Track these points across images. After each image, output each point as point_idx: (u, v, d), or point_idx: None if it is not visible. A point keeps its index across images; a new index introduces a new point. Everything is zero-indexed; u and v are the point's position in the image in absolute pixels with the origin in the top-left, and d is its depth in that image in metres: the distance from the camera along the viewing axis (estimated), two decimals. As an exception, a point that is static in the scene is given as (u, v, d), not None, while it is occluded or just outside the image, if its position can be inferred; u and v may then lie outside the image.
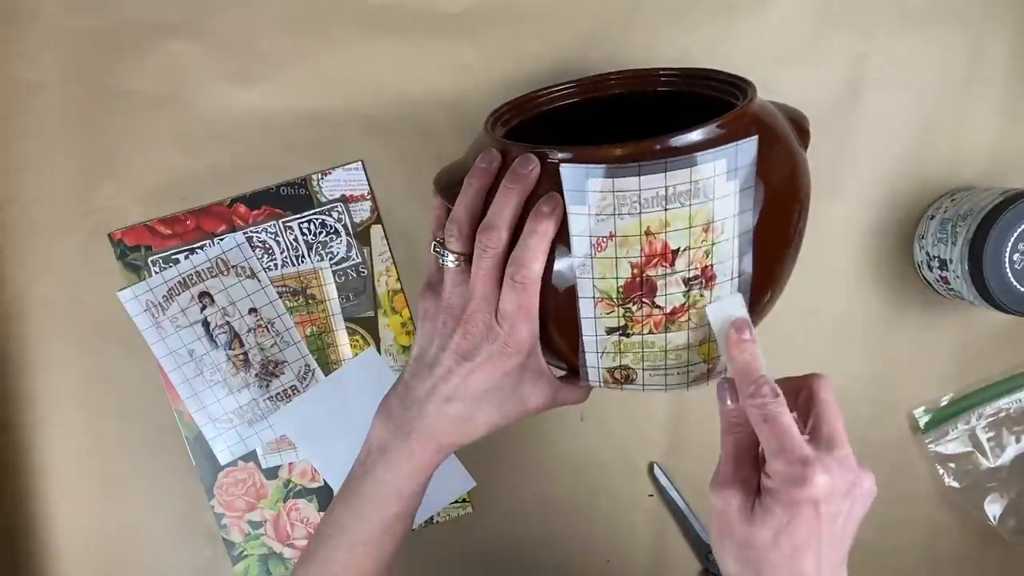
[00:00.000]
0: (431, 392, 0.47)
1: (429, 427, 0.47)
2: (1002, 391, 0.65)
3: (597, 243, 0.41)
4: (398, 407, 0.48)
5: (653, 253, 0.41)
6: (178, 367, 0.63)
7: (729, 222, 0.41)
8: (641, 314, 0.43)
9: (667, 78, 0.54)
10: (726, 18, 0.62)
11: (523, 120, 0.54)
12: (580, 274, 0.42)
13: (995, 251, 0.54)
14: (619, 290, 0.42)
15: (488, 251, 0.43)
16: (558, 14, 0.62)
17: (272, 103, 0.62)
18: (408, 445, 0.47)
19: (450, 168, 0.50)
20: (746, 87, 0.47)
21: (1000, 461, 0.65)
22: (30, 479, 0.63)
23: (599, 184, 0.40)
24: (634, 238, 0.41)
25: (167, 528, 0.64)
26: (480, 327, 0.45)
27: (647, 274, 0.42)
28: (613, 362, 0.45)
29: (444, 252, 0.46)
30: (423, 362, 0.48)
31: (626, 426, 0.65)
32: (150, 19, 0.61)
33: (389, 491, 0.48)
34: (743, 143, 0.40)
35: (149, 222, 0.62)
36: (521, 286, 0.43)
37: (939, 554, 0.66)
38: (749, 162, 0.41)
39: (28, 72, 0.61)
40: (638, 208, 0.40)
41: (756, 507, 0.40)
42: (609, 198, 0.40)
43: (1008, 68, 0.62)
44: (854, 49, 0.62)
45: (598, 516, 0.66)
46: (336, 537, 0.49)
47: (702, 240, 0.41)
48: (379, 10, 0.61)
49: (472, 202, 0.45)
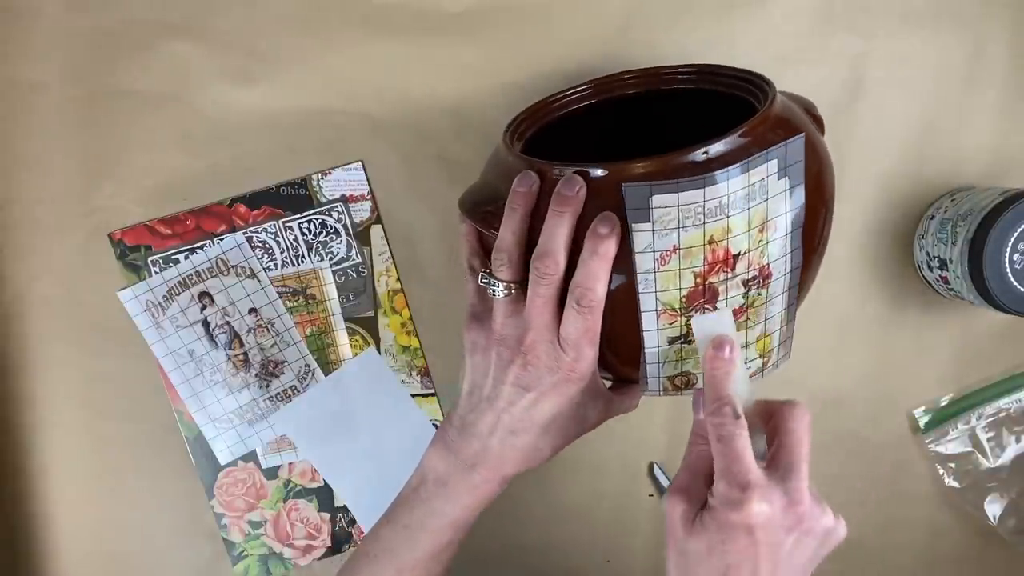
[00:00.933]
0: (495, 426, 0.46)
1: (495, 459, 0.47)
2: (1002, 391, 0.65)
3: (660, 257, 0.41)
4: (458, 439, 0.47)
5: (716, 260, 0.41)
6: (178, 367, 0.63)
7: (781, 220, 0.42)
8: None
9: (684, 75, 0.54)
10: (726, 18, 0.62)
11: (541, 128, 0.54)
12: (643, 288, 0.42)
13: (995, 251, 0.54)
14: (682, 300, 0.42)
15: (546, 278, 0.42)
16: (559, 14, 0.62)
17: (272, 103, 0.62)
18: (471, 479, 0.47)
19: (472, 189, 0.49)
20: (763, 83, 0.47)
21: (1000, 461, 0.65)
22: (30, 479, 0.63)
23: (663, 200, 0.40)
24: (698, 248, 0.41)
25: (167, 528, 0.64)
26: (542, 357, 0.44)
27: (710, 281, 0.42)
28: (674, 370, 0.45)
29: (493, 282, 0.45)
30: (479, 396, 0.47)
31: (626, 426, 0.65)
32: (150, 19, 0.61)
33: (445, 521, 0.48)
34: (792, 141, 0.41)
35: (149, 222, 0.62)
36: (588, 310, 0.42)
37: (939, 554, 0.66)
38: (797, 159, 0.41)
39: (28, 72, 0.61)
40: (702, 219, 0.40)
41: (696, 520, 0.41)
42: (673, 212, 0.40)
43: (1008, 68, 0.62)
44: (854, 49, 0.62)
45: (598, 516, 0.66)
46: (382, 559, 0.49)
47: (759, 240, 0.41)
48: (380, 10, 0.61)
49: (518, 227, 0.44)
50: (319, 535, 0.65)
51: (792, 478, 0.40)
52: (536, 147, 0.53)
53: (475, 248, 0.49)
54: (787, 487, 0.40)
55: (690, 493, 0.42)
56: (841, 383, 0.65)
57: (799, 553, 0.40)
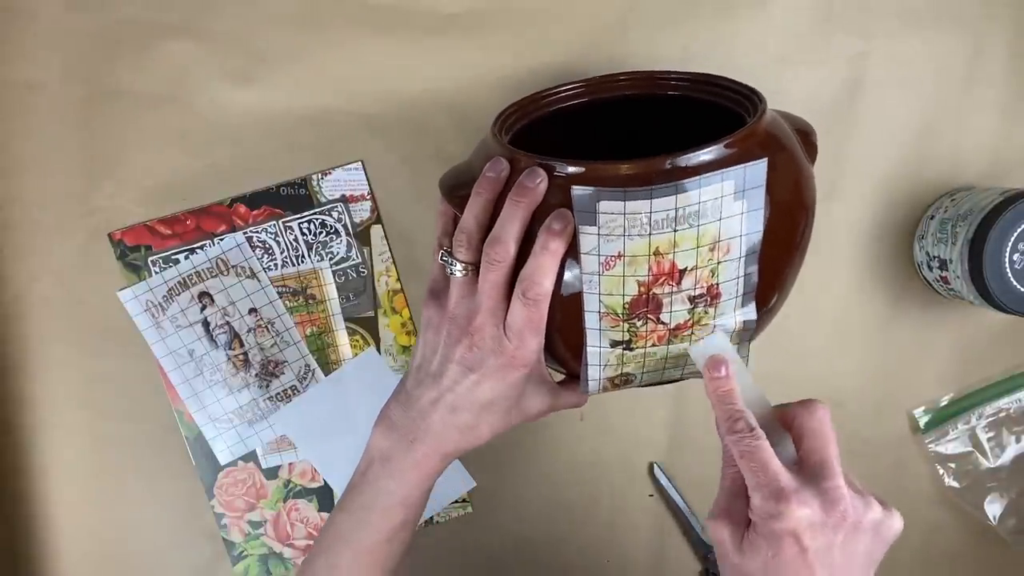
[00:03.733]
0: (436, 401, 0.46)
1: (435, 436, 0.47)
2: (1002, 391, 0.65)
3: (605, 262, 0.41)
4: (400, 417, 0.48)
5: (661, 272, 0.41)
6: (178, 367, 0.63)
7: (736, 242, 0.41)
8: (646, 329, 0.43)
9: (677, 82, 0.54)
10: (726, 18, 0.62)
11: (531, 122, 0.54)
12: (587, 289, 0.42)
13: (995, 251, 0.54)
14: (625, 306, 0.42)
15: (495, 264, 0.43)
16: (558, 14, 0.62)
17: (272, 103, 0.62)
18: (412, 454, 0.47)
19: (455, 171, 0.49)
20: (756, 99, 0.47)
21: (1000, 461, 0.65)
22: (30, 480, 0.63)
23: (610, 207, 0.40)
24: (643, 258, 0.41)
25: (167, 528, 0.64)
26: (487, 340, 0.45)
27: (653, 292, 0.42)
28: (615, 372, 0.45)
29: (452, 261, 0.46)
30: (426, 371, 0.47)
31: (626, 426, 0.65)
32: (150, 19, 0.61)
33: (394, 500, 0.48)
34: (751, 166, 0.40)
35: (149, 222, 0.62)
36: (532, 302, 0.43)
37: (939, 554, 0.66)
38: (757, 184, 0.41)
39: (27, 72, 0.61)
40: (648, 230, 0.40)
41: (744, 539, 0.41)
42: (619, 220, 0.40)
43: (1007, 68, 0.62)
44: (854, 49, 0.62)
45: (598, 516, 0.66)
46: (340, 546, 0.49)
47: (709, 259, 0.41)
48: (379, 10, 0.61)
49: (480, 212, 0.45)
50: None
51: (826, 476, 0.40)
52: (526, 141, 0.53)
53: (447, 228, 0.50)
54: (822, 487, 0.39)
55: (732, 515, 0.42)
56: (841, 383, 0.65)
57: (853, 552, 0.40)
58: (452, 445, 0.47)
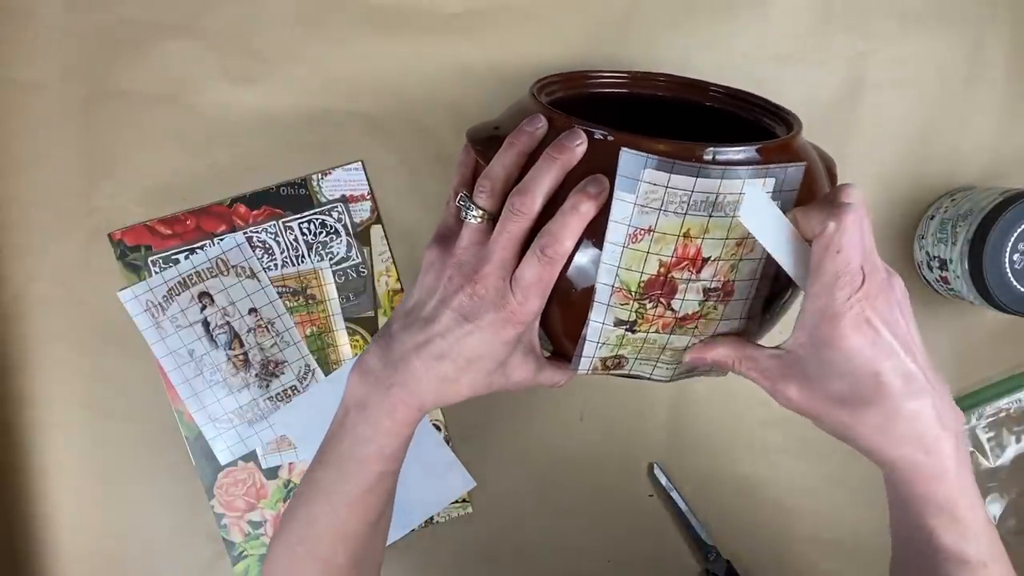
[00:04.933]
0: (422, 346, 0.45)
1: (412, 382, 0.45)
2: (1002, 391, 0.65)
3: (634, 234, 0.41)
4: (378, 361, 0.46)
5: (685, 256, 0.41)
6: (178, 367, 0.63)
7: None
8: (654, 313, 0.43)
9: (715, 93, 0.55)
10: (726, 18, 0.62)
11: (567, 96, 0.53)
12: (607, 260, 0.42)
13: (995, 251, 0.54)
14: (640, 284, 0.42)
15: (518, 215, 0.42)
16: (558, 14, 0.62)
17: (272, 103, 0.62)
18: (388, 400, 0.46)
19: (485, 124, 0.49)
20: (791, 119, 0.48)
21: (1000, 461, 0.65)
22: (30, 479, 0.63)
23: (655, 176, 0.40)
24: (671, 237, 0.41)
25: (167, 528, 0.64)
26: (491, 291, 0.43)
27: (672, 275, 0.41)
28: (610, 352, 0.45)
29: (470, 205, 0.45)
30: (417, 315, 0.46)
31: (626, 426, 0.65)
32: (150, 19, 0.61)
33: (370, 449, 0.46)
34: (793, 167, 0.41)
35: (149, 222, 0.62)
36: (548, 260, 0.42)
37: (939, 554, 0.66)
38: (793, 187, 0.41)
39: (27, 72, 0.61)
40: (684, 208, 0.40)
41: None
42: (659, 192, 0.40)
43: (1008, 68, 0.62)
44: (854, 49, 0.62)
45: (598, 516, 0.66)
46: (318, 498, 0.48)
47: (732, 254, 0.41)
48: (379, 9, 0.61)
49: (511, 162, 0.44)
50: (319, 535, 0.65)
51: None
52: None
53: (466, 179, 0.49)
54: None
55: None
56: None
57: (904, 317, 0.41)
58: (428, 395, 0.45)
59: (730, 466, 0.65)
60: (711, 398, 0.65)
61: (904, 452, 0.41)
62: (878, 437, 0.41)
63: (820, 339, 0.40)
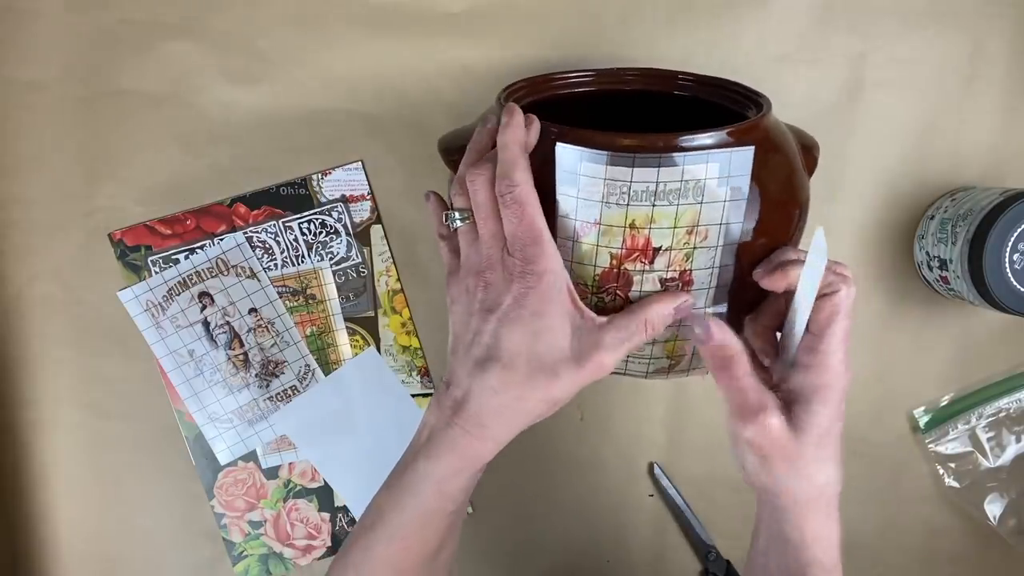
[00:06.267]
0: (470, 363, 0.43)
1: (474, 408, 0.42)
2: (1002, 391, 0.65)
3: (581, 227, 0.41)
4: (446, 392, 0.44)
5: (634, 247, 0.41)
6: (178, 367, 0.63)
7: (715, 229, 0.41)
8: (614, 305, 0.43)
9: (683, 81, 0.54)
10: (726, 18, 0.62)
11: (536, 100, 0.53)
12: (561, 255, 0.42)
13: (995, 251, 0.54)
14: (595, 278, 0.42)
15: (478, 185, 0.42)
16: (559, 14, 0.62)
17: (272, 103, 0.62)
18: (451, 431, 0.43)
19: (454, 133, 0.50)
20: (761, 101, 0.47)
21: (1000, 461, 0.65)
22: (30, 479, 0.63)
23: (591, 169, 0.40)
24: (618, 229, 0.41)
25: (167, 528, 0.64)
26: (497, 269, 0.42)
27: (625, 267, 0.41)
28: None
29: (452, 214, 0.45)
30: (461, 344, 0.44)
31: (626, 426, 0.65)
32: (150, 19, 0.61)
33: (428, 484, 0.44)
34: (738, 151, 0.40)
35: (149, 222, 0.62)
36: (512, 200, 0.40)
37: (939, 554, 0.66)
38: (743, 172, 0.40)
39: (28, 72, 0.61)
40: (626, 199, 0.40)
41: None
42: (599, 185, 0.40)
43: (1008, 68, 0.62)
44: (854, 49, 0.62)
45: (598, 516, 0.66)
46: (376, 525, 0.45)
47: (684, 243, 0.41)
48: (379, 9, 0.61)
49: (473, 160, 0.44)
50: (319, 535, 0.65)
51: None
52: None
53: (442, 219, 0.49)
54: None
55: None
56: (841, 383, 0.65)
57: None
58: (492, 419, 0.42)
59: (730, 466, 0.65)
60: (711, 398, 0.65)
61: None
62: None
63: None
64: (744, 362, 0.42)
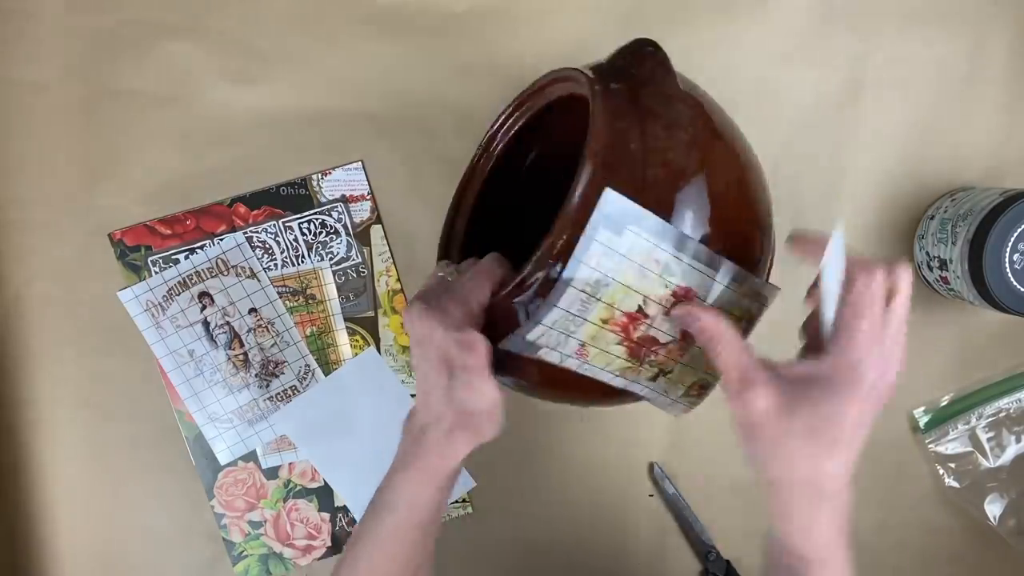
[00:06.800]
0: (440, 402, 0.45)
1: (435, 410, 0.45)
2: (1002, 391, 0.65)
3: (579, 354, 0.41)
4: (414, 417, 0.47)
5: (626, 325, 0.41)
6: (178, 367, 0.63)
7: (661, 254, 0.39)
8: (664, 355, 0.43)
9: (545, 87, 0.51)
10: (726, 18, 0.62)
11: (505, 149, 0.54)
12: (592, 375, 0.42)
13: (995, 251, 0.54)
14: (629, 360, 0.42)
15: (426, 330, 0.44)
16: (559, 14, 0.62)
17: (272, 103, 0.62)
18: (420, 445, 0.46)
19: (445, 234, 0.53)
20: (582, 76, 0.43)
21: (1000, 461, 0.65)
22: (30, 479, 0.63)
23: (534, 335, 0.40)
24: (601, 332, 0.40)
25: (167, 528, 0.64)
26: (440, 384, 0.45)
27: (637, 336, 0.41)
28: (679, 389, 0.46)
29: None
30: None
31: (626, 426, 0.65)
32: (150, 19, 0.61)
33: (401, 499, 0.46)
34: (596, 208, 0.38)
35: (149, 222, 0.62)
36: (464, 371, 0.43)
37: (939, 554, 0.66)
38: (620, 205, 0.38)
39: (28, 72, 0.61)
40: (582, 318, 0.40)
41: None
42: (553, 333, 0.40)
43: (1008, 68, 0.62)
44: (854, 49, 0.62)
45: (598, 516, 0.66)
46: (362, 540, 0.48)
47: (649, 288, 0.40)
48: (380, 10, 0.61)
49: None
50: (319, 535, 0.65)
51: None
52: (501, 185, 0.54)
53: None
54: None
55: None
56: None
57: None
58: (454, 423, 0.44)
59: (730, 466, 0.65)
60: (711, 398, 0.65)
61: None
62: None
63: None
64: (730, 339, 0.41)
